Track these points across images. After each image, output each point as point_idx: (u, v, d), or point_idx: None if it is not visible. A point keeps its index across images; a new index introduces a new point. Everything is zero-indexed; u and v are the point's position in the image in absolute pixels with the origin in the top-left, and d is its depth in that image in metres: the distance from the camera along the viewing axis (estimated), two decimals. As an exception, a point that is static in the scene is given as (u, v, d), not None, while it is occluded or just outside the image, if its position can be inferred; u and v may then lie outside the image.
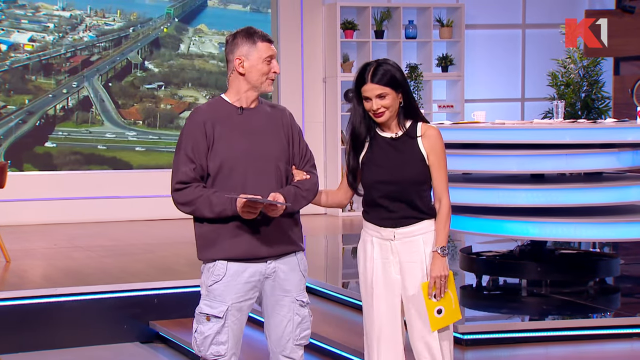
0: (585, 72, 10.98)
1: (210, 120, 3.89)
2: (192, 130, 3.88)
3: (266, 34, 3.95)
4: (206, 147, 3.87)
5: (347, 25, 11.33)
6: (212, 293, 3.94)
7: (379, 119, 3.94)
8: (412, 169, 3.93)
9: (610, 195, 6.32)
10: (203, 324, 3.93)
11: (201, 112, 3.93)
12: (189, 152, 3.86)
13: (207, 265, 3.98)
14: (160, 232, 9.86)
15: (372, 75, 3.89)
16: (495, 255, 6.85)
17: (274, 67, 3.93)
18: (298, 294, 4.02)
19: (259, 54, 3.90)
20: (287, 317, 4.00)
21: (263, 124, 3.95)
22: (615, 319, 5.90)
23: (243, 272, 3.92)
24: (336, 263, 8.37)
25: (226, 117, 3.92)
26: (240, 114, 3.94)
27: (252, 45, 3.90)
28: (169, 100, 11.21)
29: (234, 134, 3.90)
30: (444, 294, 3.89)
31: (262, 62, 3.90)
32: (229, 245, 3.89)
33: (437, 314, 3.89)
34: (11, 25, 10.69)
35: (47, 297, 6.61)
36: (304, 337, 4.05)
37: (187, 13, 11.41)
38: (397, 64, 3.99)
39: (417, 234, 3.95)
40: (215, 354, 3.92)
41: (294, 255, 4.02)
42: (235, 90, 3.96)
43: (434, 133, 3.94)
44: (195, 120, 3.90)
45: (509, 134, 6.35)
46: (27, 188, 10.43)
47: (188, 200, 3.86)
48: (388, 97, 3.91)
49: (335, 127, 11.32)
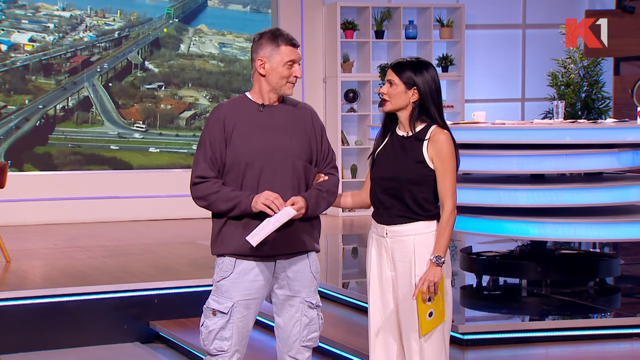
0: (585, 72, 10.97)
1: (230, 116, 3.92)
2: (211, 126, 3.93)
3: (292, 38, 3.94)
4: (224, 142, 3.90)
5: (347, 25, 11.33)
6: (219, 289, 3.96)
7: (382, 107, 4.01)
8: (409, 169, 3.93)
9: (610, 195, 6.32)
10: (209, 319, 3.96)
11: (222, 109, 3.97)
12: (207, 147, 3.91)
13: (217, 261, 4.01)
14: (160, 232, 9.86)
15: (395, 63, 3.99)
16: (495, 255, 6.85)
17: (296, 72, 3.94)
18: (308, 295, 4.03)
19: (281, 57, 3.90)
20: (295, 318, 4.01)
21: (284, 122, 3.96)
22: (615, 319, 5.90)
23: (251, 270, 3.93)
24: (336, 263, 8.37)
25: (247, 113, 3.94)
26: (261, 111, 3.95)
27: (275, 48, 3.90)
28: (169, 101, 11.21)
29: (252, 130, 3.91)
30: (434, 297, 3.89)
31: (284, 66, 3.91)
32: (237, 242, 3.90)
33: (429, 317, 3.88)
34: (11, 25, 10.69)
35: (47, 297, 6.61)
36: (311, 339, 4.06)
37: (187, 13, 11.41)
38: (427, 66, 3.97)
39: (408, 234, 3.94)
40: (218, 349, 3.94)
41: (306, 257, 4.03)
42: (258, 89, 3.98)
43: (441, 138, 3.92)
44: (216, 116, 3.95)
45: (509, 134, 6.35)
46: (27, 188, 10.43)
47: (205, 195, 3.89)
48: (395, 87, 3.95)
49: (336, 127, 11.32)
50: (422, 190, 3.94)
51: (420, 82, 3.94)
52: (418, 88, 3.94)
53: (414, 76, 3.94)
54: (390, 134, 4.06)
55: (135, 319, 6.81)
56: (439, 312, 3.91)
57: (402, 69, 3.96)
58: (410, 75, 3.94)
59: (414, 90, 3.95)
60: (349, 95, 11.43)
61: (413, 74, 3.94)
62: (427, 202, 3.95)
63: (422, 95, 3.95)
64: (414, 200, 3.94)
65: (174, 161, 11.10)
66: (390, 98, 3.97)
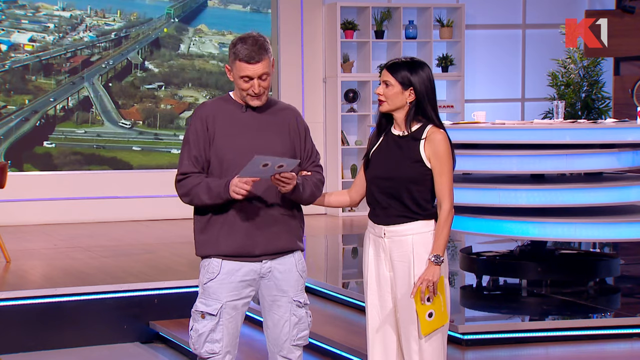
0: (585, 72, 10.98)
1: (213, 116, 3.94)
2: (195, 125, 3.94)
3: (249, 54, 3.85)
4: (207, 141, 3.91)
5: (347, 25, 11.33)
6: (207, 291, 3.96)
7: (379, 107, 4.00)
8: (406, 168, 3.93)
9: (610, 195, 6.32)
10: (198, 322, 3.96)
11: (206, 108, 3.99)
12: (191, 145, 3.92)
13: (203, 263, 4.01)
14: (160, 232, 9.86)
15: (390, 64, 3.98)
16: (495, 255, 6.85)
17: (253, 88, 3.88)
18: (295, 295, 4.02)
19: (237, 72, 3.90)
20: (285, 318, 4.01)
21: (267, 123, 3.97)
22: (615, 319, 5.90)
23: (237, 270, 3.93)
24: (336, 263, 8.37)
25: (230, 113, 3.95)
26: (244, 111, 3.96)
27: (233, 61, 3.90)
28: (169, 101, 11.21)
29: (234, 130, 3.92)
30: (434, 298, 3.88)
31: (240, 79, 3.90)
32: (223, 242, 3.91)
33: (429, 318, 3.88)
34: (11, 25, 10.69)
35: (48, 297, 6.61)
36: (301, 338, 4.06)
37: (187, 13, 11.41)
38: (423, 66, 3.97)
39: (407, 233, 3.94)
40: (209, 351, 3.94)
41: (291, 255, 4.03)
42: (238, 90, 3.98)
43: (438, 137, 3.93)
44: (200, 114, 3.96)
45: (509, 134, 6.35)
46: (27, 188, 10.43)
47: (188, 189, 3.90)
48: (391, 88, 3.94)
49: (335, 127, 11.32)
50: (420, 189, 3.94)
51: (417, 82, 3.93)
52: (415, 88, 3.94)
53: (410, 76, 3.93)
54: (385, 133, 4.05)
55: (135, 319, 6.81)
56: (440, 314, 3.90)
57: (398, 69, 3.95)
58: (406, 75, 3.94)
59: (410, 91, 3.94)
60: (349, 95, 11.43)
61: (409, 74, 3.94)
62: (425, 202, 3.95)
63: (418, 95, 3.95)
64: (412, 199, 3.93)
65: (174, 161, 11.10)
66: (387, 99, 3.97)
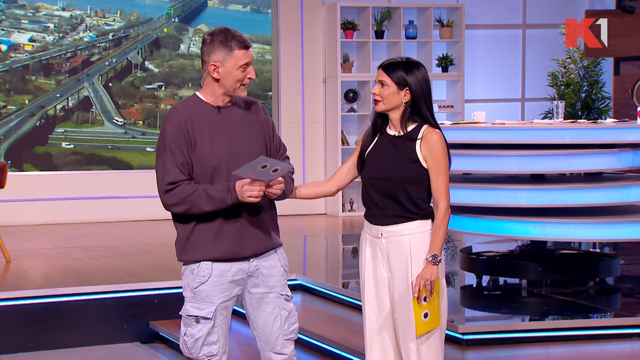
0: (585, 72, 10.98)
1: (190, 120, 3.88)
2: (173, 130, 3.86)
3: (244, 40, 3.88)
4: (189, 146, 3.86)
5: (347, 25, 11.33)
6: (198, 295, 3.93)
7: (375, 107, 4.00)
8: (403, 168, 3.92)
9: (610, 195, 6.32)
10: (192, 327, 3.94)
11: (180, 112, 3.91)
12: (175, 152, 3.84)
13: (190, 267, 3.97)
14: (160, 232, 9.85)
15: (386, 64, 3.98)
16: (495, 255, 6.85)
17: (250, 74, 3.90)
18: (282, 289, 4.05)
19: (235, 62, 3.87)
20: (275, 313, 4.02)
21: (240, 122, 3.96)
22: (615, 319, 5.90)
23: (228, 271, 3.94)
24: (336, 263, 8.37)
25: (204, 117, 3.91)
26: (217, 113, 3.94)
27: (228, 52, 3.86)
28: (169, 101, 11.21)
29: (213, 134, 3.89)
30: (430, 298, 3.89)
31: (238, 69, 3.88)
32: (212, 247, 3.90)
33: (424, 318, 3.88)
34: (11, 25, 10.69)
35: (47, 297, 6.61)
36: (292, 332, 4.07)
37: (187, 13, 11.41)
38: (418, 66, 3.97)
39: (404, 234, 3.94)
40: (208, 354, 3.94)
41: (275, 252, 4.04)
42: (210, 91, 3.95)
43: (434, 137, 3.92)
44: (175, 120, 3.88)
45: (509, 134, 6.35)
46: (27, 188, 10.43)
47: (182, 199, 3.83)
48: (387, 88, 3.94)
49: (335, 127, 11.32)
50: (417, 189, 3.94)
51: (413, 82, 3.93)
52: (410, 88, 3.93)
53: (405, 76, 3.93)
54: (380, 133, 4.05)
55: (135, 319, 6.81)
56: (434, 315, 3.90)
57: (394, 70, 3.95)
58: (402, 75, 3.93)
59: (406, 91, 3.94)
60: (349, 95, 11.43)
61: (405, 74, 3.93)
62: (422, 201, 3.95)
63: (414, 96, 3.94)
64: (409, 199, 3.93)
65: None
66: (383, 99, 3.96)
